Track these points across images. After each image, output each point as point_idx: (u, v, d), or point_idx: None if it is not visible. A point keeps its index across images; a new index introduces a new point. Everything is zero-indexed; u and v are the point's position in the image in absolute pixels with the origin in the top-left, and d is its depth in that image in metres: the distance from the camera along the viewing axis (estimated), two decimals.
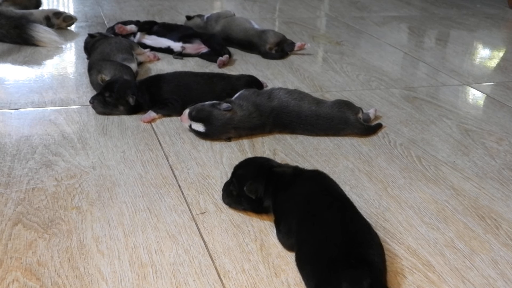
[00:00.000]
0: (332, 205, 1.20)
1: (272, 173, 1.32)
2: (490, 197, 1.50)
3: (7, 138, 1.72)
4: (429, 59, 2.73)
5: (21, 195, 1.42)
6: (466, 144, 1.81)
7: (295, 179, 1.29)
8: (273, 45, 2.60)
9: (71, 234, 1.27)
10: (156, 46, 2.58)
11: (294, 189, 1.27)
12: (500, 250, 1.28)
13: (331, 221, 1.15)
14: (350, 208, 1.23)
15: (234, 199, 1.36)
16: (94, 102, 1.88)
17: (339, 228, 1.13)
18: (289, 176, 1.30)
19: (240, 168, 1.37)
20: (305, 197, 1.24)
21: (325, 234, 1.12)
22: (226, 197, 1.38)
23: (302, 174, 1.32)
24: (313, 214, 1.18)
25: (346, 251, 1.07)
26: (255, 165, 1.36)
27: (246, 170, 1.35)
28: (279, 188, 1.28)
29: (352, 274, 1.02)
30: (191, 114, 1.73)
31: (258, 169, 1.34)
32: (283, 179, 1.30)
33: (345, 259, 1.05)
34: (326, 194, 1.25)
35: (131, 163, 1.60)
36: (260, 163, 1.38)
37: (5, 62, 2.44)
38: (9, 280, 1.13)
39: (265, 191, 1.30)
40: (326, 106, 1.81)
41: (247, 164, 1.39)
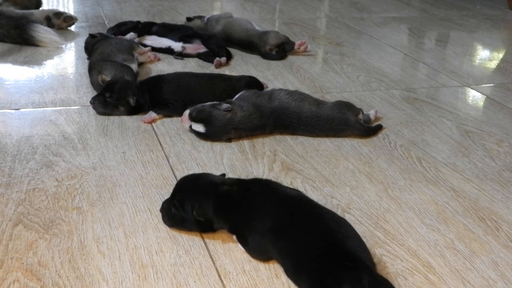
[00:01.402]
0: (294, 212, 1.17)
1: (219, 193, 1.24)
2: (491, 199, 1.50)
3: (8, 138, 1.72)
4: (429, 60, 2.73)
5: (21, 196, 1.42)
6: (466, 146, 1.81)
7: (245, 195, 1.23)
8: (273, 46, 2.60)
9: (71, 235, 1.27)
10: (157, 46, 2.58)
11: (248, 209, 1.21)
12: (500, 251, 1.28)
13: (306, 225, 1.14)
14: (311, 207, 1.21)
15: (177, 222, 1.28)
16: (95, 102, 1.88)
17: (318, 230, 1.12)
18: (237, 194, 1.24)
19: (181, 190, 1.29)
20: (264, 214, 1.19)
21: (305, 243, 1.10)
22: (168, 220, 1.30)
23: (250, 189, 1.25)
24: (285, 223, 1.15)
25: (334, 253, 1.06)
26: (198, 188, 1.27)
27: (189, 191, 1.27)
28: (231, 208, 1.23)
29: (351, 275, 1.02)
30: (192, 114, 1.73)
31: (202, 190, 1.26)
32: (232, 198, 1.23)
33: (337, 262, 1.05)
34: (282, 204, 1.21)
35: (132, 163, 1.60)
36: (202, 184, 1.28)
37: (5, 62, 2.44)
38: (9, 280, 1.13)
39: (215, 212, 1.24)
40: (326, 107, 1.82)
41: (188, 185, 1.30)
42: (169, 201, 1.28)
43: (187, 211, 1.24)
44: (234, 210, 1.23)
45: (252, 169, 1.60)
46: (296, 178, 1.56)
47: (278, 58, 2.60)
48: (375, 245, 1.28)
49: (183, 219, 1.26)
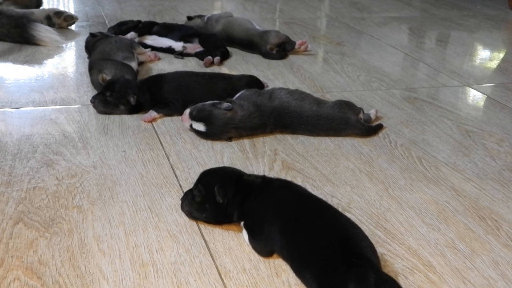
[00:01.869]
0: (311, 208, 1.21)
1: (242, 181, 1.30)
2: (491, 198, 1.50)
3: (8, 137, 1.72)
4: (429, 60, 2.73)
5: (22, 194, 1.42)
6: (467, 145, 1.81)
7: (265, 188, 1.28)
8: (274, 46, 2.60)
9: (72, 233, 1.27)
10: (157, 46, 2.58)
11: (266, 198, 1.26)
12: (501, 251, 1.28)
13: (316, 223, 1.16)
14: (329, 208, 1.24)
15: (196, 206, 1.31)
16: (95, 101, 1.88)
17: (327, 228, 1.14)
18: (258, 185, 1.29)
19: (207, 175, 1.34)
20: (281, 204, 1.23)
21: (316, 237, 1.12)
22: (187, 205, 1.33)
23: (271, 183, 1.30)
24: (296, 220, 1.17)
25: (342, 249, 1.07)
26: (223, 173, 1.34)
27: (214, 176, 1.32)
28: (249, 197, 1.27)
29: (357, 272, 1.02)
30: (192, 113, 1.73)
31: (227, 176, 1.31)
32: (253, 188, 1.28)
33: (344, 258, 1.05)
34: (301, 199, 1.25)
35: (132, 162, 1.60)
36: (228, 171, 1.36)
37: (6, 61, 2.44)
38: (10, 279, 1.13)
39: (233, 199, 1.27)
40: (327, 107, 1.82)
41: (214, 172, 1.36)
42: (193, 189, 1.32)
43: (209, 191, 1.27)
44: (251, 198, 1.26)
45: (253, 168, 1.60)
46: (296, 177, 1.56)
47: (279, 57, 2.60)
48: (375, 244, 1.26)
49: (203, 201, 1.29)
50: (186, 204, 1.33)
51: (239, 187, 1.28)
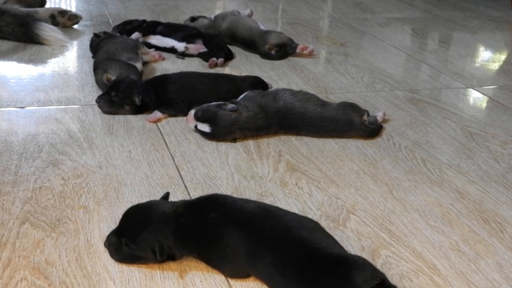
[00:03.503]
0: (265, 223, 1.13)
1: (177, 225, 1.16)
2: (495, 201, 1.51)
3: (14, 136, 1.73)
4: (432, 62, 2.74)
5: (28, 194, 1.42)
6: (471, 147, 1.82)
7: (206, 223, 1.15)
8: (273, 46, 2.59)
9: (78, 233, 1.28)
10: (161, 45, 2.59)
11: (213, 235, 1.14)
12: (505, 254, 1.29)
13: (278, 238, 1.10)
14: (279, 216, 1.16)
15: (131, 259, 1.18)
16: (100, 101, 1.89)
17: (294, 243, 1.08)
18: (197, 223, 1.16)
19: (132, 226, 1.18)
20: (232, 234, 1.12)
21: (285, 256, 1.07)
22: (119, 258, 1.19)
23: (204, 213, 1.17)
24: (256, 243, 1.10)
25: (324, 257, 1.05)
26: (151, 221, 1.17)
27: (142, 229, 1.16)
28: (195, 240, 1.16)
29: (356, 274, 1.01)
30: (197, 114, 1.74)
31: (157, 227, 1.16)
32: (194, 228, 1.16)
33: (331, 264, 1.04)
34: (248, 217, 1.15)
35: (138, 163, 1.61)
36: (154, 216, 1.18)
37: (10, 60, 2.44)
38: (17, 278, 1.13)
39: (179, 247, 1.17)
40: (331, 108, 1.82)
41: (139, 220, 1.18)
42: (118, 236, 1.17)
43: (144, 250, 1.15)
44: (199, 241, 1.16)
45: (257, 169, 1.61)
46: (301, 178, 1.57)
47: (277, 58, 2.58)
48: (380, 246, 1.28)
49: (139, 256, 1.17)
50: (118, 257, 1.19)
51: (178, 234, 1.16)
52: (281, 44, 2.61)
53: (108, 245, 1.19)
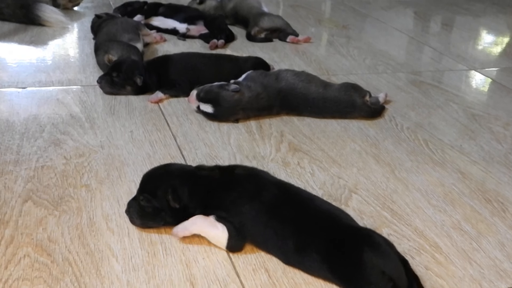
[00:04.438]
0: (290, 192, 1.19)
1: (195, 177, 1.21)
2: (497, 181, 1.51)
3: (15, 116, 1.72)
4: (435, 44, 2.73)
5: (30, 173, 1.42)
6: (473, 129, 1.81)
7: (229, 179, 1.20)
8: (262, 30, 2.57)
9: (81, 212, 1.28)
10: (163, 27, 2.58)
11: (235, 189, 1.18)
12: (507, 232, 1.29)
13: (300, 205, 1.15)
14: (302, 191, 1.24)
15: (150, 217, 1.20)
16: (102, 82, 1.89)
17: (312, 209, 1.14)
18: (218, 177, 1.21)
19: (152, 178, 1.22)
20: (256, 192, 1.17)
21: (306, 218, 1.12)
22: (138, 217, 1.21)
23: (233, 173, 1.22)
24: (278, 204, 1.15)
25: (338, 224, 1.11)
26: (170, 173, 1.22)
27: (161, 179, 1.21)
28: (212, 192, 1.18)
29: (366, 240, 1.07)
30: (199, 95, 1.73)
31: (175, 176, 1.21)
32: (213, 181, 1.20)
33: (345, 230, 1.09)
34: (275, 184, 1.21)
35: (139, 143, 1.61)
36: (174, 169, 1.25)
37: (11, 42, 2.43)
38: (20, 255, 1.13)
39: (191, 199, 1.18)
40: (333, 89, 1.82)
41: (159, 174, 1.23)
42: (137, 198, 1.21)
43: (160, 199, 1.17)
44: (215, 191, 1.18)
45: (259, 149, 1.60)
46: (303, 158, 1.57)
47: (259, 41, 2.57)
48: (382, 224, 1.28)
49: (155, 211, 1.19)
50: (137, 217, 1.21)
51: (194, 184, 1.19)
52: (274, 28, 2.58)
53: (128, 209, 1.22)
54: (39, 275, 1.08)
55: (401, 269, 1.06)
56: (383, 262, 1.03)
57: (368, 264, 1.02)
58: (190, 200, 1.18)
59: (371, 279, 1.01)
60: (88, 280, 1.08)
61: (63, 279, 1.08)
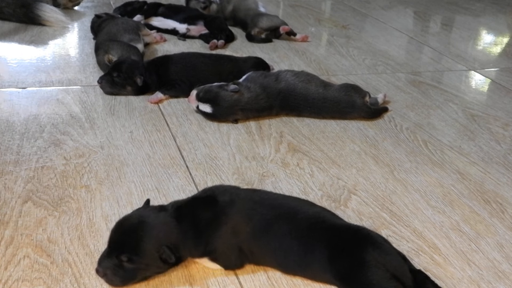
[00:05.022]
0: (271, 204, 1.15)
1: (181, 225, 1.10)
2: (496, 182, 1.51)
3: (16, 116, 1.73)
4: (434, 44, 2.73)
5: (30, 173, 1.43)
6: (472, 129, 1.82)
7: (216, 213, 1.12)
8: (262, 31, 2.57)
9: (80, 212, 1.28)
10: (163, 27, 2.58)
11: (222, 220, 1.11)
12: (506, 233, 1.29)
13: (288, 215, 1.13)
14: (281, 197, 1.24)
15: (134, 276, 1.08)
16: (102, 82, 1.89)
17: (302, 217, 1.13)
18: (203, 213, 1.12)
19: (128, 237, 1.07)
20: (241, 216, 1.12)
21: (299, 228, 1.11)
22: (121, 280, 1.07)
23: (216, 202, 1.14)
24: (267, 222, 1.11)
25: (335, 228, 1.11)
26: (148, 225, 1.08)
27: (142, 236, 1.06)
28: (203, 229, 1.10)
29: (369, 241, 1.07)
30: (199, 95, 1.74)
31: (158, 228, 1.09)
32: (201, 219, 1.11)
33: (343, 233, 1.10)
34: (254, 200, 1.16)
35: (139, 143, 1.61)
36: (148, 220, 1.09)
37: (11, 41, 2.43)
38: (20, 256, 1.14)
39: (184, 247, 1.10)
40: (333, 89, 1.82)
41: (137, 227, 1.08)
42: (115, 256, 1.06)
43: (151, 257, 1.07)
44: (206, 229, 1.10)
45: (259, 150, 1.61)
46: (302, 159, 1.57)
47: (260, 41, 2.57)
48: (381, 226, 1.29)
49: (144, 269, 1.08)
50: (120, 280, 1.07)
51: (183, 233, 1.09)
52: (274, 27, 2.58)
53: (103, 272, 1.06)
54: (39, 276, 1.09)
55: (404, 267, 1.07)
56: (386, 261, 1.04)
57: (372, 263, 1.03)
58: (183, 248, 1.10)
59: (375, 278, 1.02)
60: (88, 280, 1.08)
61: (62, 280, 1.08)
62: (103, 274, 1.06)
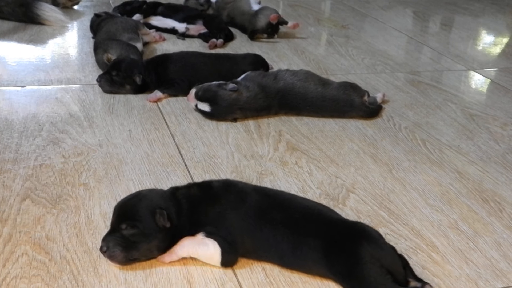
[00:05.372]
0: (269, 195, 1.17)
1: (177, 196, 1.15)
2: (494, 181, 1.51)
3: (14, 115, 1.73)
4: (434, 44, 2.73)
5: (29, 171, 1.43)
6: (471, 129, 1.82)
7: (208, 194, 1.16)
8: (264, 28, 2.55)
9: (79, 210, 1.28)
10: (162, 26, 2.59)
11: (219, 204, 1.14)
12: (504, 232, 1.29)
13: (285, 206, 1.14)
14: (283, 193, 1.24)
15: (136, 247, 1.10)
16: (101, 80, 1.89)
17: (299, 209, 1.15)
18: (198, 194, 1.16)
19: (129, 206, 1.13)
20: (241, 205, 1.14)
21: (296, 219, 1.11)
22: (123, 250, 1.09)
23: (210, 188, 1.18)
24: (264, 211, 1.13)
25: (332, 222, 1.12)
26: (151, 197, 1.15)
27: (143, 204, 1.12)
28: (199, 208, 1.14)
29: (364, 235, 1.08)
30: (198, 94, 1.74)
31: (157, 198, 1.14)
32: (194, 199, 1.15)
33: (338, 227, 1.11)
34: (253, 191, 1.18)
35: (138, 141, 1.61)
36: (154, 194, 1.17)
37: (10, 41, 2.44)
38: (18, 253, 1.14)
39: (178, 216, 1.12)
40: (332, 88, 1.82)
41: (137, 200, 1.14)
42: (116, 230, 1.10)
43: (147, 222, 1.09)
44: (200, 209, 1.14)
45: (258, 148, 1.61)
46: (301, 158, 1.57)
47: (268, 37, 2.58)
48: (379, 224, 1.29)
49: (143, 236, 1.09)
50: (121, 250, 1.09)
51: (178, 203, 1.14)
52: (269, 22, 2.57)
53: (105, 245, 1.09)
54: (37, 273, 1.09)
55: (398, 262, 1.08)
56: (381, 255, 1.04)
57: (367, 258, 1.03)
58: (178, 219, 1.12)
59: (370, 272, 1.02)
60: (86, 278, 1.08)
61: (60, 277, 1.08)
62: (106, 249, 1.08)
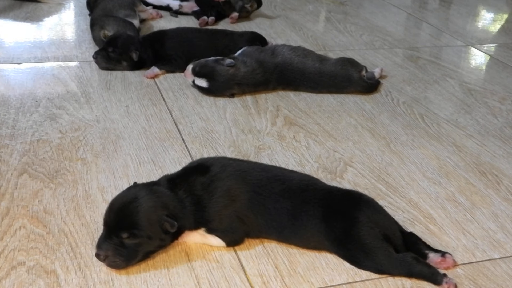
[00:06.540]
0: (262, 171, 1.16)
1: (178, 196, 1.09)
2: (492, 154, 1.51)
3: (11, 91, 1.72)
4: (432, 20, 2.71)
5: (26, 147, 1.42)
6: (469, 103, 1.81)
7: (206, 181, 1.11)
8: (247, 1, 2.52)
9: (76, 184, 1.28)
10: (157, 4, 2.56)
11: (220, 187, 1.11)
12: (501, 204, 1.30)
13: (279, 179, 1.14)
14: (269, 166, 1.25)
15: (139, 253, 1.05)
16: (97, 57, 1.88)
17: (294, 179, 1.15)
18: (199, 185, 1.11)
19: (130, 213, 1.04)
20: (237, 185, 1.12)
21: (293, 190, 1.12)
22: (125, 259, 1.04)
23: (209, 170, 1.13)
24: (261, 186, 1.12)
25: (330, 191, 1.13)
26: (153, 199, 1.06)
27: (144, 209, 1.04)
28: (199, 202, 1.10)
29: (362, 201, 1.11)
30: (195, 69, 1.73)
31: (159, 202, 1.06)
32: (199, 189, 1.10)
33: (335, 195, 1.12)
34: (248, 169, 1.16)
35: (135, 117, 1.61)
36: (156, 193, 1.08)
37: (6, 18, 2.41)
38: (16, 226, 1.14)
39: (182, 219, 1.08)
40: (329, 64, 1.81)
41: (138, 204, 1.04)
42: (114, 236, 1.03)
43: (151, 230, 1.04)
44: (201, 203, 1.10)
45: (255, 123, 1.60)
46: (299, 132, 1.57)
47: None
48: (377, 196, 1.28)
49: (147, 243, 1.05)
50: (123, 260, 1.04)
51: (181, 205, 1.08)
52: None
53: (104, 255, 1.03)
54: (35, 245, 1.09)
55: (395, 226, 1.10)
56: (379, 218, 1.06)
57: (365, 220, 1.05)
58: (182, 219, 1.08)
59: (367, 235, 1.04)
60: (84, 250, 1.09)
61: (58, 249, 1.08)
62: (104, 257, 1.02)
